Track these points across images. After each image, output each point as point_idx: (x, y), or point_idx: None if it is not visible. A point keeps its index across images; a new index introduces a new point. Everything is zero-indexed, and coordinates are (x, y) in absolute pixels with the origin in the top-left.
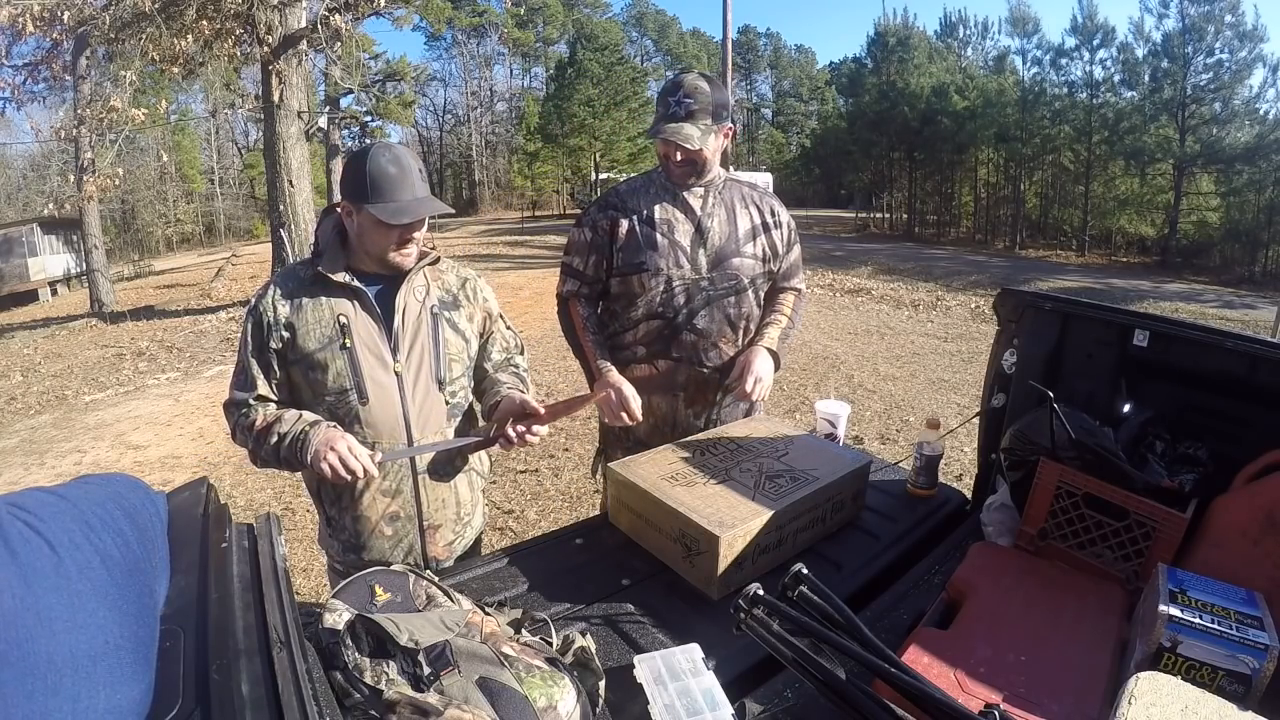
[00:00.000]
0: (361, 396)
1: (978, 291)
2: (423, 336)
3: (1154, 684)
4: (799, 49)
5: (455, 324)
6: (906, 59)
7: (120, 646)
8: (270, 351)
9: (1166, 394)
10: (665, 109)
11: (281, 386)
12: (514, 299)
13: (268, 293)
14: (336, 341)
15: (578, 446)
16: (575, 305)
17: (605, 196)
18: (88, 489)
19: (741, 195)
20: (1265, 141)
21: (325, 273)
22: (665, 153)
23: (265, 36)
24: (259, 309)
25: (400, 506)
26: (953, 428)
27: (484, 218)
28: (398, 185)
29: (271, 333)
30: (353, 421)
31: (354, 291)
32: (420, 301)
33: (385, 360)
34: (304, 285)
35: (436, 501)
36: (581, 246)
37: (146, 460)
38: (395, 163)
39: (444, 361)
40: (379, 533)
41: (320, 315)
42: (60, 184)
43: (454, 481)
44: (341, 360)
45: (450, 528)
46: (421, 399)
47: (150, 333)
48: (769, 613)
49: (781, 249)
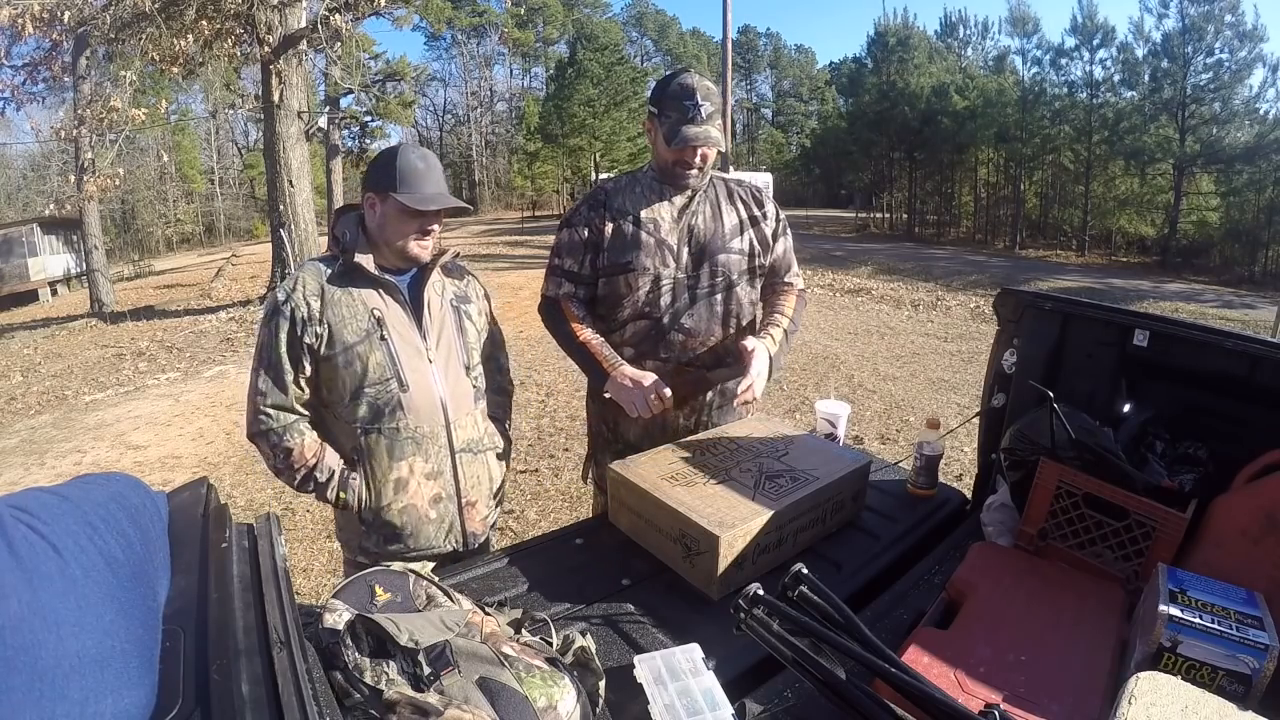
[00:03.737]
0: (402, 385)
1: (978, 291)
2: (448, 327)
3: (1154, 684)
4: (799, 49)
5: (471, 316)
6: (906, 59)
7: (126, 650)
8: (304, 347)
9: (1166, 394)
10: (683, 113)
11: (309, 383)
12: (514, 299)
13: (296, 288)
14: (375, 333)
15: (578, 447)
16: (568, 305)
17: (593, 195)
18: (89, 489)
19: (728, 191)
20: (1265, 141)
21: (360, 263)
22: (684, 158)
23: (265, 36)
24: (289, 305)
25: (442, 487)
26: (953, 428)
27: (484, 218)
28: (424, 178)
29: (306, 328)
30: (395, 408)
31: (385, 284)
32: (440, 295)
33: (419, 349)
34: (331, 279)
35: (473, 479)
36: (574, 247)
37: (146, 460)
38: (423, 159)
39: (467, 349)
40: (425, 517)
41: (354, 309)
42: (60, 184)
43: (485, 456)
44: (381, 351)
45: (484, 502)
46: (453, 384)
47: (150, 333)
48: (769, 613)
49: (770, 241)
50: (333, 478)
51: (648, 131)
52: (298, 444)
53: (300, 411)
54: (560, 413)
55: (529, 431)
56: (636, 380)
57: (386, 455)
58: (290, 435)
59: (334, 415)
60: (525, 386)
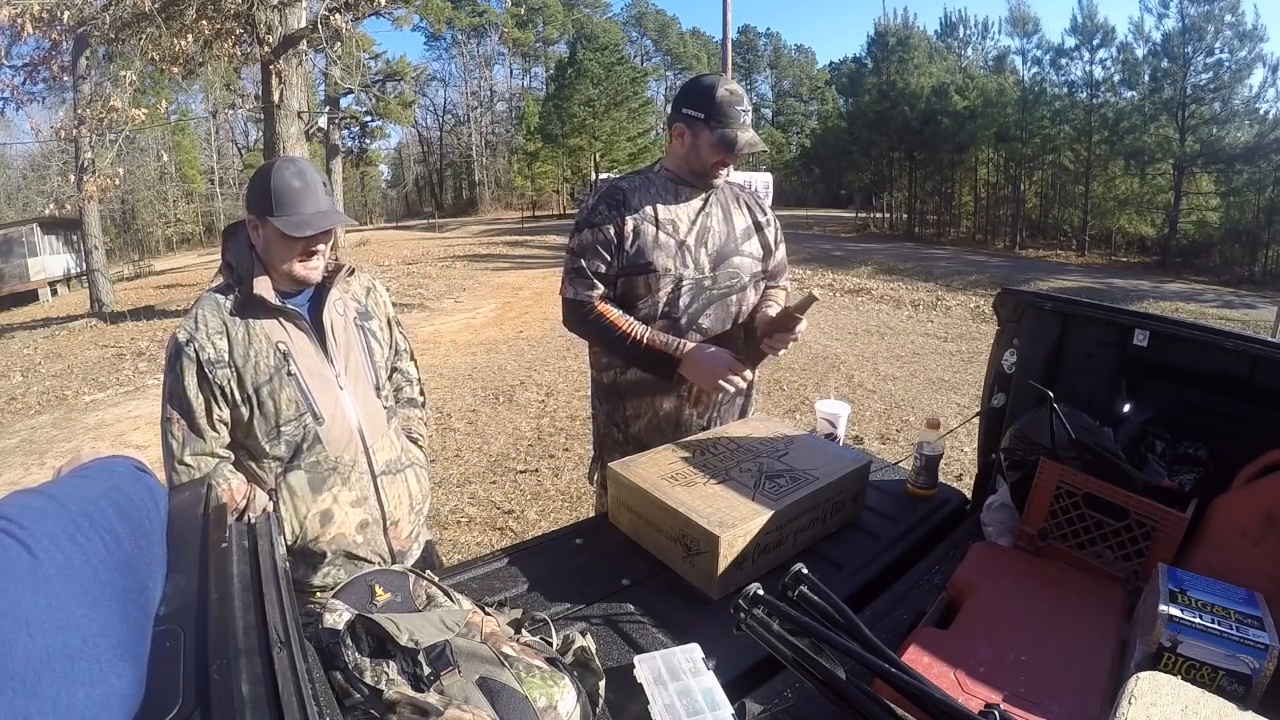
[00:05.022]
0: (317, 418)
1: (978, 291)
2: (355, 349)
3: (1154, 684)
4: (799, 49)
5: (374, 333)
6: (906, 59)
7: (99, 642)
8: (214, 388)
9: (1166, 394)
10: (735, 118)
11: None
12: (514, 299)
13: (199, 328)
14: (283, 369)
15: (577, 446)
16: (607, 305)
17: (610, 194)
18: (80, 486)
19: (735, 195)
20: (1265, 141)
21: (259, 294)
22: (726, 160)
23: (265, 36)
24: (193, 347)
25: (367, 512)
26: (953, 428)
27: (484, 218)
28: (301, 198)
29: (215, 369)
30: (313, 442)
31: (287, 313)
32: (343, 315)
33: (328, 377)
34: (233, 311)
35: (395, 499)
36: (606, 245)
37: (147, 460)
38: (299, 176)
39: (375, 369)
40: (353, 543)
41: (259, 345)
42: (60, 184)
43: (405, 474)
44: (290, 387)
45: (407, 520)
46: (365, 407)
47: (150, 333)
48: (769, 613)
49: (773, 246)
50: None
51: (678, 135)
52: (225, 489)
53: (221, 454)
54: (560, 413)
55: (529, 432)
56: (717, 359)
57: (310, 489)
58: (218, 481)
59: (251, 456)
60: (525, 387)
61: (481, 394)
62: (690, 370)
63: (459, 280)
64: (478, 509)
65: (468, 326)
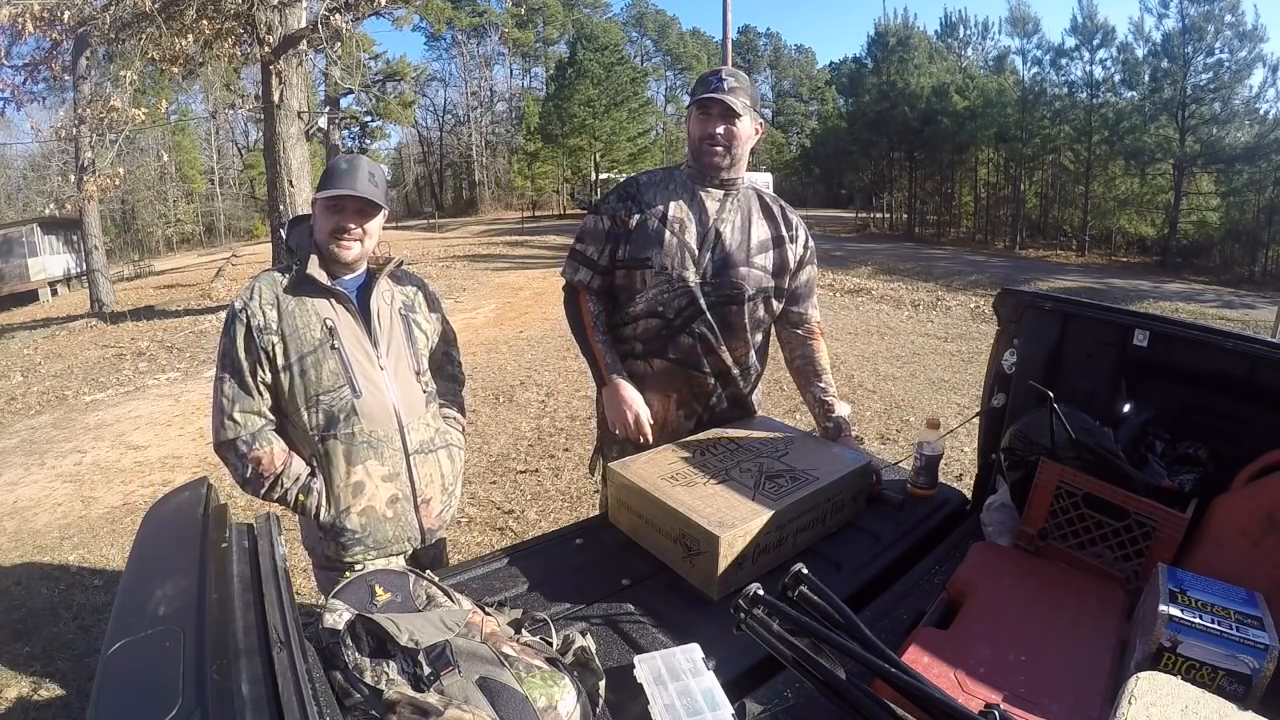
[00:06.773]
0: (355, 391)
1: (978, 291)
2: (398, 334)
3: (1154, 684)
4: (799, 49)
5: (419, 324)
6: (907, 59)
7: None
8: (260, 353)
9: (1166, 394)
10: (705, 87)
11: (268, 389)
12: (514, 299)
13: (253, 297)
14: (328, 342)
15: (578, 446)
16: (586, 299)
17: (624, 187)
18: None
19: (762, 205)
20: (1265, 141)
21: (312, 274)
22: (703, 131)
23: (265, 36)
24: (246, 313)
25: (398, 488)
26: (953, 428)
27: (484, 218)
28: (342, 177)
29: (262, 335)
30: (350, 414)
31: (336, 294)
32: (389, 304)
33: (370, 356)
34: (286, 289)
35: (426, 477)
36: (598, 235)
37: (146, 460)
38: (348, 161)
39: (417, 355)
40: (382, 517)
41: (307, 319)
42: (60, 184)
43: (438, 454)
44: (333, 360)
45: (439, 499)
46: (405, 389)
47: (150, 333)
48: (769, 613)
49: (793, 266)
50: (299, 482)
51: (686, 125)
52: (266, 451)
53: (268, 416)
54: (560, 413)
55: (529, 432)
56: (629, 402)
57: (344, 460)
58: (259, 443)
59: (291, 424)
60: (525, 387)
61: (482, 394)
62: (606, 399)
63: (459, 280)
64: (478, 509)
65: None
